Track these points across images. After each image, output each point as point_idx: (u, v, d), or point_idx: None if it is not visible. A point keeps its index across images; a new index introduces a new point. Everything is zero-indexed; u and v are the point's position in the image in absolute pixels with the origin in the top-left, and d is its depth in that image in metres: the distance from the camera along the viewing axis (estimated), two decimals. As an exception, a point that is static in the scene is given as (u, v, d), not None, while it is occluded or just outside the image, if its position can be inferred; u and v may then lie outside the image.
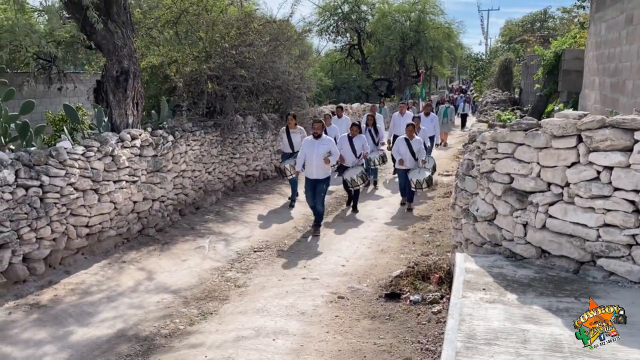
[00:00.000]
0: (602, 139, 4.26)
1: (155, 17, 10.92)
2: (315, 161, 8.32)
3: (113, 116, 8.23)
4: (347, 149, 9.83)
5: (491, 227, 5.22)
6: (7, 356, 4.72)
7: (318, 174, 8.36)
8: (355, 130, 9.96)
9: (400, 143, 9.98)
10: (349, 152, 9.85)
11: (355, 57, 30.75)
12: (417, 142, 9.85)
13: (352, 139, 9.95)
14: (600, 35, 10.18)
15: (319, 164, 8.31)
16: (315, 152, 8.31)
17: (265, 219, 9.34)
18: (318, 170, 8.34)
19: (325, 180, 8.46)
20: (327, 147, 8.36)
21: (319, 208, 8.44)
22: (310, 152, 8.38)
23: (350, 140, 9.95)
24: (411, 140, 9.85)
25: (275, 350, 4.82)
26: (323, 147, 8.34)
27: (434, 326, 5.16)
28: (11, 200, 5.92)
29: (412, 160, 9.78)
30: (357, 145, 9.93)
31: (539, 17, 39.61)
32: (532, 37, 27.53)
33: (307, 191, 8.52)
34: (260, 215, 9.53)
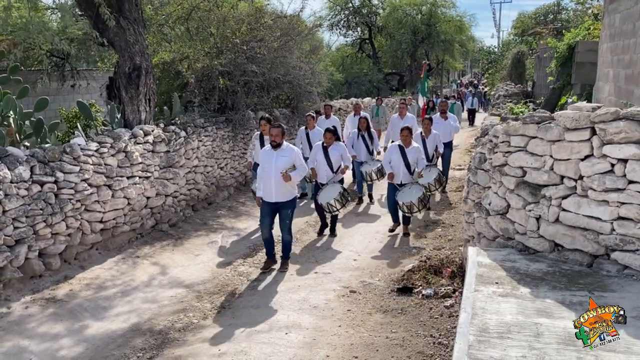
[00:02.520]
0: (616, 131, 4.22)
1: (166, 14, 10.97)
2: (274, 179, 6.36)
3: (126, 112, 8.29)
4: (321, 162, 7.86)
5: (504, 221, 5.19)
6: (24, 349, 4.79)
7: (279, 195, 6.46)
8: (330, 138, 7.85)
9: (393, 152, 7.84)
10: (324, 165, 7.86)
11: (366, 51, 30.67)
12: (414, 151, 7.77)
13: (327, 148, 7.86)
14: (615, 26, 10.06)
15: (279, 183, 6.37)
16: (274, 166, 6.35)
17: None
18: (278, 190, 6.43)
19: (289, 203, 6.56)
20: (288, 160, 6.40)
21: (286, 237, 6.68)
22: (268, 167, 6.42)
23: (325, 151, 7.87)
24: (407, 148, 7.74)
25: (288, 344, 4.85)
26: (283, 160, 6.38)
27: (447, 320, 5.16)
28: (27, 197, 6.00)
29: (406, 173, 7.76)
30: (334, 156, 7.84)
31: (552, 9, 39.14)
32: (545, 30, 27.27)
33: (263, 218, 6.61)
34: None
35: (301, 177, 6.64)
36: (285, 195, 6.49)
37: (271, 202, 6.50)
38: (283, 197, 6.48)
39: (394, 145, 7.93)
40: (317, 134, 9.54)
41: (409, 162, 7.71)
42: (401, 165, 7.71)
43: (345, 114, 16.24)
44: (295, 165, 6.45)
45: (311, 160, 7.93)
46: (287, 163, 6.37)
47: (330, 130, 7.97)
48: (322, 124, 10.59)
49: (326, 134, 7.91)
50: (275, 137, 6.38)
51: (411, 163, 7.72)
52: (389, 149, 8.03)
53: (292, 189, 6.58)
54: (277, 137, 6.38)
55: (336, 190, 7.59)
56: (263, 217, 6.61)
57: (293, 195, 6.61)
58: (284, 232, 6.64)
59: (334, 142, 7.87)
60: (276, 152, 6.42)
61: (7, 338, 4.97)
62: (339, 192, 7.56)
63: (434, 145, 9.20)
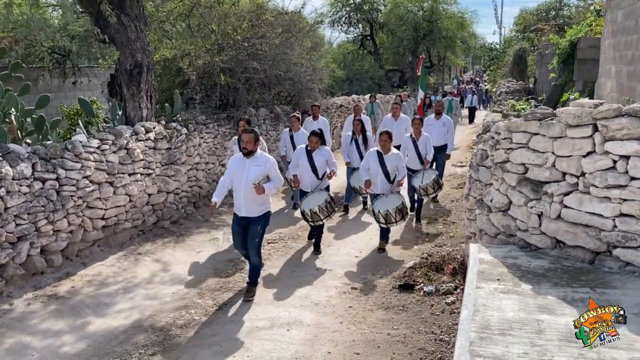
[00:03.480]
0: (618, 127, 4.21)
1: (167, 10, 10.95)
2: (245, 191, 5.58)
3: (127, 109, 8.29)
4: (304, 168, 7.17)
5: (505, 218, 5.19)
6: (26, 346, 4.81)
7: (249, 209, 5.64)
8: (315, 142, 7.11)
9: (370, 158, 7.09)
10: (308, 171, 7.16)
11: (367, 48, 30.64)
12: (393, 158, 7.02)
13: (311, 153, 7.20)
14: (617, 22, 10.02)
15: (250, 195, 5.58)
16: (245, 176, 5.58)
17: (279, 210, 9.36)
18: (249, 203, 5.62)
19: (260, 219, 5.73)
20: (262, 170, 5.62)
21: (254, 259, 5.80)
22: (238, 177, 5.65)
23: (309, 155, 7.20)
24: (385, 154, 7.01)
25: (289, 340, 4.86)
26: (256, 170, 5.59)
27: (448, 317, 5.16)
28: (28, 194, 6.01)
29: (384, 182, 7.02)
30: (319, 161, 7.14)
31: (554, 6, 39.03)
32: (547, 26, 27.16)
33: (235, 237, 5.89)
34: (273, 207, 9.55)
35: (276, 189, 5.91)
36: (256, 209, 5.68)
37: (241, 216, 5.71)
38: (253, 212, 5.66)
39: (372, 151, 7.18)
40: (302, 137, 8.85)
41: (387, 170, 6.96)
42: (379, 173, 6.97)
43: (347, 110, 16.20)
44: (270, 176, 5.64)
45: (293, 166, 7.30)
46: (260, 173, 5.57)
47: (316, 134, 7.18)
48: (310, 125, 9.96)
49: (311, 138, 7.15)
50: (247, 144, 5.55)
51: (390, 171, 6.97)
52: (366, 155, 7.27)
53: (265, 202, 5.79)
54: (249, 143, 5.55)
55: (321, 198, 6.83)
56: (235, 235, 5.85)
57: (265, 210, 5.79)
58: (251, 253, 5.74)
59: (319, 147, 7.14)
60: (248, 160, 5.61)
61: (9, 335, 4.98)
62: (324, 199, 6.79)
63: (425, 148, 8.43)
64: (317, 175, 7.16)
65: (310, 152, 7.16)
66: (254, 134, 5.64)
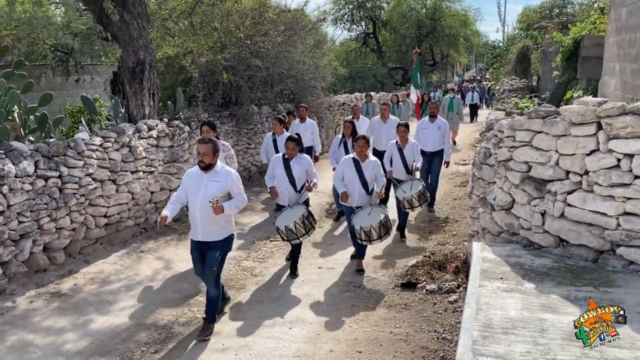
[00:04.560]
0: (622, 126, 4.19)
1: (170, 8, 10.95)
2: (201, 211, 4.76)
3: (130, 107, 8.29)
4: (281, 178, 6.26)
5: (508, 216, 5.17)
6: (29, 343, 4.81)
7: (207, 232, 4.84)
8: (292, 149, 6.20)
9: (346, 167, 6.28)
10: (285, 182, 6.24)
11: (370, 45, 30.61)
12: (371, 165, 6.23)
13: (289, 161, 6.26)
14: (621, 20, 9.98)
15: (207, 216, 4.76)
16: (201, 193, 4.77)
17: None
18: (206, 225, 4.81)
19: (220, 244, 4.91)
20: (221, 186, 4.83)
21: (212, 291, 4.97)
22: (194, 195, 4.83)
23: (287, 164, 6.25)
24: (362, 162, 6.21)
25: (292, 338, 4.86)
26: (215, 187, 4.80)
27: (451, 315, 5.15)
28: (31, 191, 6.02)
29: (362, 194, 6.24)
30: (297, 171, 6.22)
31: (558, 3, 38.88)
32: (550, 24, 27.06)
33: (195, 262, 5.06)
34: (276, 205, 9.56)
35: (238, 209, 5.00)
36: (215, 232, 4.86)
37: (197, 240, 4.90)
38: (212, 235, 4.85)
39: (347, 158, 6.37)
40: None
41: (365, 180, 6.20)
42: (356, 183, 6.21)
43: (349, 109, 16.14)
44: (232, 193, 4.89)
45: (269, 177, 6.43)
46: (220, 190, 4.79)
47: (293, 139, 6.33)
48: (297, 128, 9.28)
49: (288, 144, 6.25)
50: (204, 156, 4.74)
51: (368, 181, 6.22)
52: (341, 163, 6.44)
53: (227, 224, 4.95)
54: (206, 155, 4.74)
55: (297, 213, 5.96)
56: (194, 262, 5.06)
57: (227, 233, 4.95)
58: (208, 283, 4.96)
59: (297, 154, 6.27)
60: (206, 175, 4.81)
61: (12, 332, 4.99)
62: (300, 215, 5.92)
63: (412, 156, 7.53)
64: (295, 187, 6.23)
65: (287, 160, 6.24)
66: (212, 144, 4.79)
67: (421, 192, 7.06)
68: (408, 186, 7.14)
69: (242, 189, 5.03)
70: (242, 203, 5.02)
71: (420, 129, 8.86)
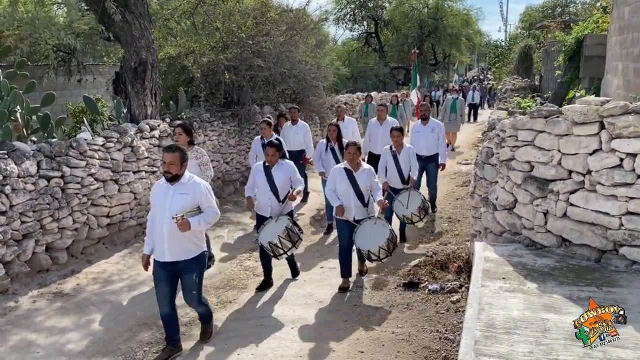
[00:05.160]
0: (625, 125, 4.18)
1: (172, 8, 10.96)
2: (168, 227, 4.28)
3: (132, 107, 8.31)
4: (262, 187, 5.78)
5: (511, 216, 5.16)
6: (31, 343, 4.82)
7: (175, 251, 4.35)
8: (272, 155, 5.72)
9: (338, 177, 5.74)
10: (266, 192, 5.76)
11: (372, 45, 30.61)
12: (365, 175, 5.72)
13: (270, 169, 5.80)
14: (624, 19, 9.95)
15: (174, 233, 4.28)
16: (168, 208, 4.29)
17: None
18: (174, 244, 4.33)
19: (192, 264, 4.44)
20: (189, 199, 4.34)
21: (198, 308, 4.72)
22: (160, 209, 4.36)
23: (268, 172, 5.78)
24: (356, 171, 5.70)
25: (294, 338, 4.86)
26: (182, 200, 4.31)
27: (453, 315, 5.14)
28: (34, 191, 6.03)
29: (359, 206, 5.72)
30: (280, 179, 5.75)
31: (560, 2, 38.85)
32: (552, 23, 27.03)
33: (157, 285, 4.48)
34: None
35: (209, 224, 4.46)
36: (185, 251, 4.38)
37: (163, 261, 4.38)
38: (182, 255, 4.37)
39: (338, 169, 5.81)
40: None
41: (360, 191, 5.68)
42: (351, 194, 5.68)
43: (351, 108, 16.14)
44: (202, 206, 4.40)
45: (249, 187, 5.95)
46: (187, 204, 4.29)
47: (273, 144, 5.79)
48: (288, 131, 9.04)
49: (267, 150, 5.74)
50: (170, 166, 4.26)
51: (363, 191, 5.70)
52: (331, 175, 5.86)
53: (197, 241, 4.46)
54: (172, 165, 4.26)
55: (281, 226, 5.51)
56: (157, 283, 4.48)
57: (198, 251, 4.48)
58: (193, 305, 4.69)
59: (279, 161, 5.79)
60: (173, 187, 4.33)
61: (14, 332, 5.00)
62: (284, 227, 5.48)
63: (408, 163, 7.04)
64: (277, 197, 5.75)
65: (268, 168, 5.76)
66: (180, 152, 4.29)
67: (421, 207, 6.58)
68: (405, 198, 6.61)
69: (213, 201, 4.51)
70: (214, 217, 4.47)
71: (414, 132, 8.52)
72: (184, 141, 6.04)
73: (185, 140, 6.07)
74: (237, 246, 7.46)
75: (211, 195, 4.52)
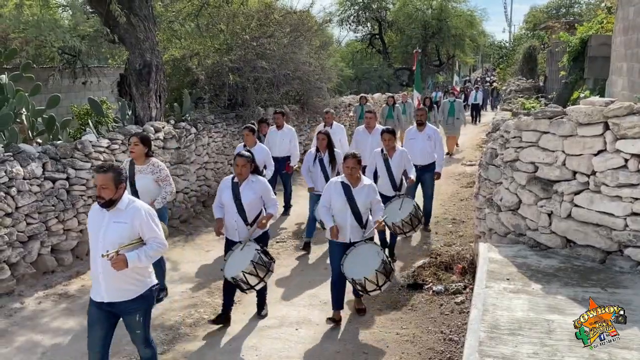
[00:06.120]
0: (630, 126, 4.17)
1: (176, 10, 11.00)
2: (102, 264, 3.53)
3: (136, 109, 8.33)
4: (230, 207, 4.95)
5: (515, 217, 5.16)
6: (37, 344, 4.84)
7: (112, 291, 3.61)
8: (242, 166, 4.89)
9: (334, 193, 5.00)
10: (234, 214, 4.93)
11: (376, 46, 30.58)
12: (365, 191, 4.99)
13: (238, 186, 4.95)
14: (629, 19, 9.93)
15: (110, 273, 3.53)
16: (101, 239, 3.56)
17: (287, 210, 9.37)
18: (110, 284, 3.59)
19: (137, 304, 3.70)
20: (126, 229, 3.58)
21: (143, 354, 3.96)
22: (94, 239, 3.63)
23: (236, 189, 4.95)
24: (354, 187, 4.97)
25: (298, 339, 4.86)
26: (117, 230, 3.57)
27: (457, 316, 5.14)
28: (39, 193, 6.06)
29: (355, 227, 4.98)
30: (249, 199, 4.91)
31: (564, 3, 38.73)
32: (557, 24, 26.94)
33: (91, 324, 3.77)
34: (282, 207, 9.57)
35: (152, 259, 3.65)
36: (124, 292, 3.62)
37: (98, 301, 3.65)
38: (120, 295, 3.62)
39: (335, 183, 5.04)
40: (259, 154, 6.90)
41: (358, 210, 4.93)
42: (347, 213, 4.93)
43: (351, 110, 16.09)
44: (143, 237, 3.64)
45: (216, 205, 5.11)
46: (124, 235, 3.55)
47: (242, 156, 4.95)
48: (274, 136, 8.46)
49: (237, 160, 4.93)
50: (102, 190, 3.51)
51: (362, 210, 4.95)
52: (327, 188, 5.12)
53: (140, 277, 3.68)
54: (104, 189, 3.51)
55: (247, 257, 4.67)
56: (90, 324, 3.76)
57: (142, 288, 3.69)
58: (137, 347, 3.95)
59: (249, 177, 4.97)
60: (109, 214, 3.57)
61: (20, 333, 5.03)
62: (250, 261, 4.62)
63: (401, 168, 6.52)
64: (245, 218, 4.91)
65: (237, 185, 4.95)
66: (113, 173, 3.54)
67: (413, 215, 5.94)
68: (397, 206, 5.98)
69: (158, 230, 3.70)
70: (158, 250, 3.68)
71: (408, 139, 7.74)
72: (141, 152, 5.36)
73: (142, 151, 5.36)
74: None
75: (155, 222, 3.69)
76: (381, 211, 5.13)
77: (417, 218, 6.08)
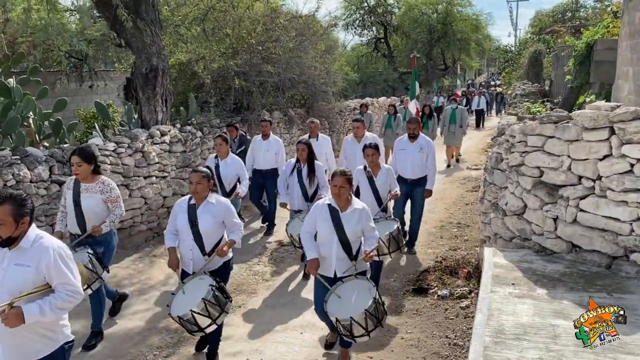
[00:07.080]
0: (635, 130, 4.16)
1: (182, 15, 11.06)
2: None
3: (143, 113, 8.38)
4: (185, 234, 4.32)
5: (520, 222, 5.15)
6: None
7: (13, 354, 2.88)
8: (198, 184, 4.23)
9: (319, 217, 4.25)
10: (189, 240, 4.31)
11: (381, 50, 30.60)
12: (357, 215, 4.21)
13: (195, 209, 4.29)
14: (635, 24, 9.90)
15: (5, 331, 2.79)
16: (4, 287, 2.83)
17: (292, 213, 9.37)
18: (8, 344, 2.87)
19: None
20: (29, 273, 2.86)
21: None
22: None
23: (192, 212, 4.29)
24: (343, 211, 4.19)
25: (302, 343, 4.87)
26: (18, 274, 2.86)
27: (462, 321, 5.13)
28: (46, 196, 6.10)
29: (342, 258, 4.22)
30: (207, 224, 4.27)
31: (570, 7, 38.65)
32: (563, 28, 26.90)
33: None
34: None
35: (62, 311, 2.95)
36: (29, 352, 2.90)
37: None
38: (24, 357, 2.90)
39: (320, 205, 4.29)
40: (231, 167, 6.69)
41: (346, 238, 4.17)
42: (333, 241, 4.19)
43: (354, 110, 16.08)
44: (52, 282, 2.92)
45: (170, 231, 4.46)
46: (26, 281, 2.87)
47: (198, 172, 4.29)
48: (259, 146, 7.77)
49: (192, 177, 4.26)
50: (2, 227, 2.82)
51: (352, 239, 4.20)
52: (312, 211, 4.35)
53: (50, 333, 2.96)
54: (1, 225, 2.82)
55: (198, 295, 3.97)
56: None
57: (52, 347, 2.97)
58: None
59: (208, 196, 4.31)
60: (9, 254, 2.90)
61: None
62: (201, 299, 3.92)
63: (387, 186, 5.85)
64: (202, 247, 4.28)
65: (194, 207, 4.29)
66: (11, 204, 2.84)
67: (393, 236, 5.19)
68: (379, 227, 4.90)
69: (71, 275, 2.93)
70: (68, 300, 2.91)
71: (398, 150, 6.93)
72: (86, 172, 4.65)
73: (88, 170, 4.65)
74: (246, 251, 7.47)
75: (67, 265, 2.93)
76: (374, 240, 4.30)
77: (396, 241, 5.26)
